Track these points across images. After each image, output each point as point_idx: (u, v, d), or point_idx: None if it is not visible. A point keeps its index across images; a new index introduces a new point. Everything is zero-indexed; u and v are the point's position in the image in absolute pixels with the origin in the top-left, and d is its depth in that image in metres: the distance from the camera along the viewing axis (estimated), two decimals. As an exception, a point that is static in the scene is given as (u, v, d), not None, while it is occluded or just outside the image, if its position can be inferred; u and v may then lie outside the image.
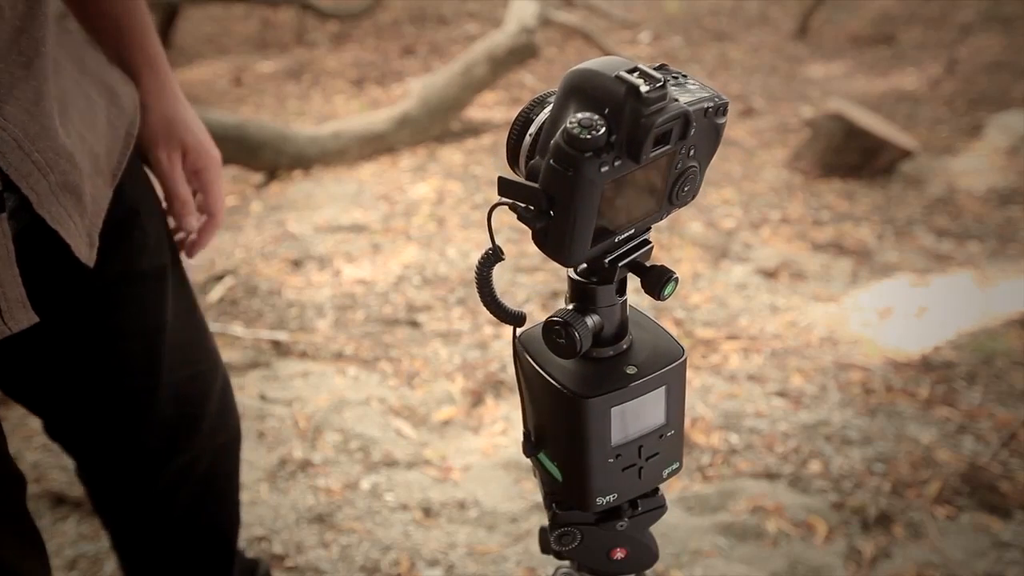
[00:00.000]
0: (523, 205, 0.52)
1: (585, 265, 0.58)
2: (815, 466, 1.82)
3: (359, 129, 3.80)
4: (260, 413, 2.01)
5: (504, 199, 0.53)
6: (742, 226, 3.05)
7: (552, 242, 0.52)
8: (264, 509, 1.71)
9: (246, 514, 1.70)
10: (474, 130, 4.13)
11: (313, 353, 2.29)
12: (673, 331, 0.67)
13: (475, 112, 4.33)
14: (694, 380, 2.12)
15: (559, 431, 0.61)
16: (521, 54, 4.27)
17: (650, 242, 0.59)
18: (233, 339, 2.33)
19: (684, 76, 0.53)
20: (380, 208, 3.25)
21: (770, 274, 2.70)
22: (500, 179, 0.52)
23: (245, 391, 2.09)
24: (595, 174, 0.48)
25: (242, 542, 1.62)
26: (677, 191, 0.56)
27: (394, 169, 3.67)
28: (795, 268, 2.73)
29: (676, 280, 0.59)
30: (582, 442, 0.59)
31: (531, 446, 0.64)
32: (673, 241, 2.91)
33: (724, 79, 4.92)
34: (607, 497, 0.62)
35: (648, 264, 0.59)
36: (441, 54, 5.59)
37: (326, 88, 5.06)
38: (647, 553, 0.71)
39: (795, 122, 4.13)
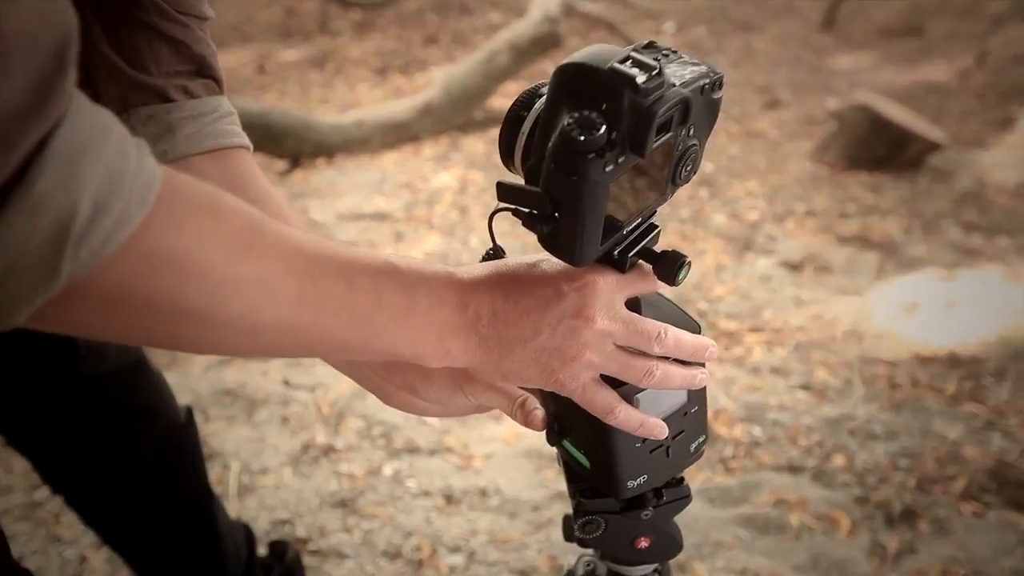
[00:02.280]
0: (526, 210, 0.50)
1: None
2: (839, 460, 1.80)
3: (382, 118, 3.81)
4: (284, 398, 2.02)
5: (505, 205, 0.50)
6: (766, 218, 3.02)
7: (561, 244, 0.50)
8: (288, 493, 1.73)
9: (270, 498, 1.71)
10: (497, 120, 4.10)
11: (336, 340, 2.30)
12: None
13: (498, 101, 4.32)
14: (717, 372, 2.10)
15: (584, 418, 0.60)
16: (544, 44, 4.25)
17: (657, 226, 0.57)
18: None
19: (674, 52, 0.51)
20: (403, 197, 3.25)
21: (795, 267, 2.68)
22: (499, 184, 0.49)
23: (269, 377, 2.11)
24: (600, 174, 0.46)
25: (266, 525, 1.64)
26: (680, 172, 0.53)
27: (417, 158, 3.67)
28: (820, 261, 2.71)
29: (689, 264, 0.56)
30: (609, 428, 0.59)
31: (554, 434, 0.64)
32: (697, 232, 2.89)
33: (749, 70, 4.87)
34: (637, 480, 0.61)
35: (659, 250, 0.57)
36: (464, 43, 5.57)
37: (349, 77, 5.07)
38: (671, 543, 0.70)
39: (821, 114, 4.08)
